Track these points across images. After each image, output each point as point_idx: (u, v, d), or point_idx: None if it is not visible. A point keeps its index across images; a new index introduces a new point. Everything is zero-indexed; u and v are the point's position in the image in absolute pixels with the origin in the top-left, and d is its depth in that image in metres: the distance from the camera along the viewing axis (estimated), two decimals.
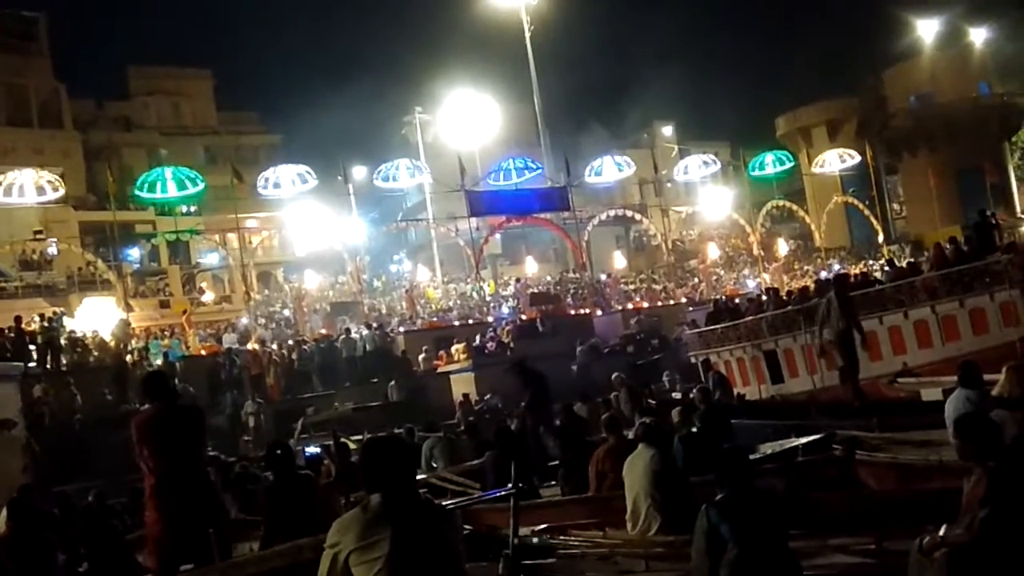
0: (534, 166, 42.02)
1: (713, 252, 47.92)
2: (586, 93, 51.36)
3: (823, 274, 36.11)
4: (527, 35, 43.97)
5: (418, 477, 7.98)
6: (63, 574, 8.37)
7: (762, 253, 44.84)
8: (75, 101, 47.84)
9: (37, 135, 43.54)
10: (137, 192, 35.40)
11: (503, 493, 6.78)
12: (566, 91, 44.55)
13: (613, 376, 19.99)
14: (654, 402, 17.86)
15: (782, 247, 49.21)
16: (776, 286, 34.07)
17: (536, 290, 38.67)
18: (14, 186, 33.02)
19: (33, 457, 20.11)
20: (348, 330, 30.98)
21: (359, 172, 46.40)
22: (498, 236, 44.30)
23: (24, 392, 22.19)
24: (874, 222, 47.84)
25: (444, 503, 5.24)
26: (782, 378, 23.10)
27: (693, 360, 27.10)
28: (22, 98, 44.81)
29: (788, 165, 45.91)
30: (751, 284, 41.33)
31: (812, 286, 26.70)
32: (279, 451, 8.23)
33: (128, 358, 28.00)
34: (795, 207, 47.60)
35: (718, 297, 34.14)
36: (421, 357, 30.62)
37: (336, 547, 4.12)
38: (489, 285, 40.40)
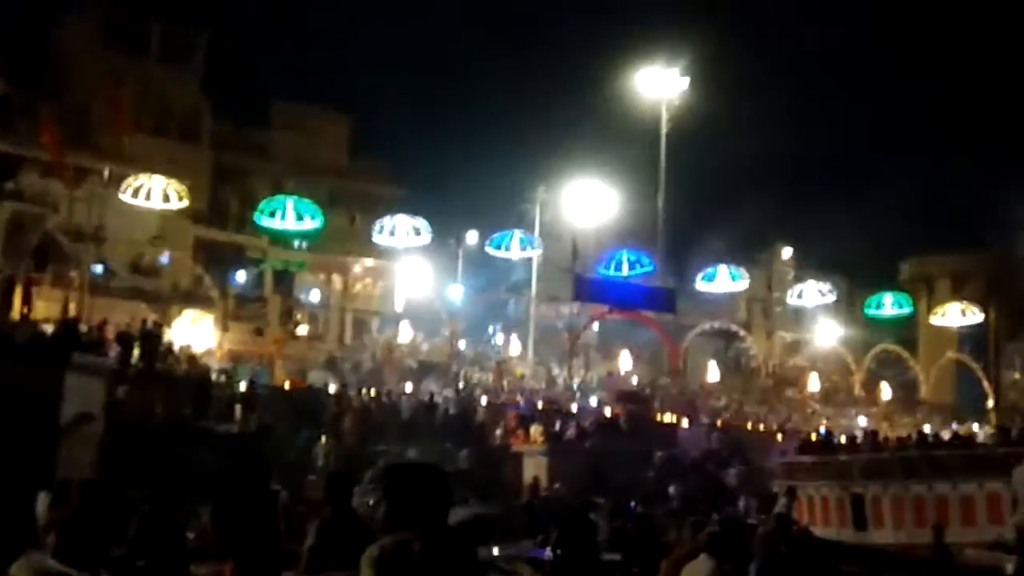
0: (646, 262, 41.66)
1: (813, 384, 46.63)
2: (711, 201, 51.04)
3: (926, 428, 34.67)
4: (663, 132, 43.74)
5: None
6: (120, 567, 8.35)
7: (863, 395, 43.50)
8: (216, 121, 49.24)
9: (175, 146, 44.78)
10: (257, 216, 36.10)
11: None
12: (691, 195, 44.26)
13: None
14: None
15: (885, 391, 47.64)
16: (874, 430, 32.87)
17: (623, 388, 38.10)
18: (142, 189, 33.99)
19: (103, 454, 20.17)
20: (432, 392, 30.82)
21: (472, 237, 46.59)
22: (596, 325, 43.86)
23: (109, 390, 22.40)
24: (986, 385, 46.03)
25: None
26: (866, 525, 22.06)
27: (775, 489, 26.16)
28: (168, 109, 46.31)
29: (906, 310, 44.66)
30: (847, 423, 40.00)
31: (913, 436, 25.68)
32: (343, 484, 7.85)
33: (213, 376, 28.19)
34: (905, 354, 46.18)
35: (814, 430, 33.15)
36: (498, 431, 30.17)
37: None
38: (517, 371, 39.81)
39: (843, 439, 29.68)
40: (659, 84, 43.67)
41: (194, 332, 33.53)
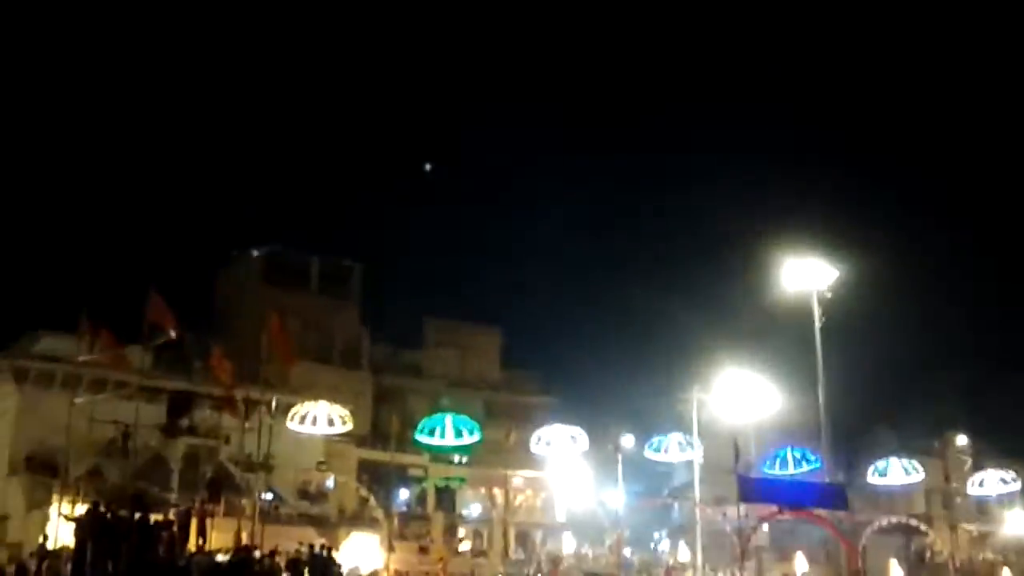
0: (812, 458, 40.19)
1: None
2: (875, 391, 49.62)
3: None
4: (817, 326, 42.91)
5: None
6: None
7: None
8: (374, 345, 51.18)
9: (336, 373, 46.52)
10: (417, 435, 36.67)
11: None
12: (853, 386, 42.90)
13: None
14: None
15: None
16: None
17: None
18: (308, 416, 35.05)
19: None
20: None
21: (628, 441, 46.04)
22: (766, 527, 42.18)
23: None
24: None
25: None
26: None
27: None
28: (329, 338, 48.42)
29: None
30: None
31: None
32: None
33: None
34: None
35: None
36: None
37: None
38: None
39: None
40: (808, 275, 43.23)
41: (361, 554, 33.71)
